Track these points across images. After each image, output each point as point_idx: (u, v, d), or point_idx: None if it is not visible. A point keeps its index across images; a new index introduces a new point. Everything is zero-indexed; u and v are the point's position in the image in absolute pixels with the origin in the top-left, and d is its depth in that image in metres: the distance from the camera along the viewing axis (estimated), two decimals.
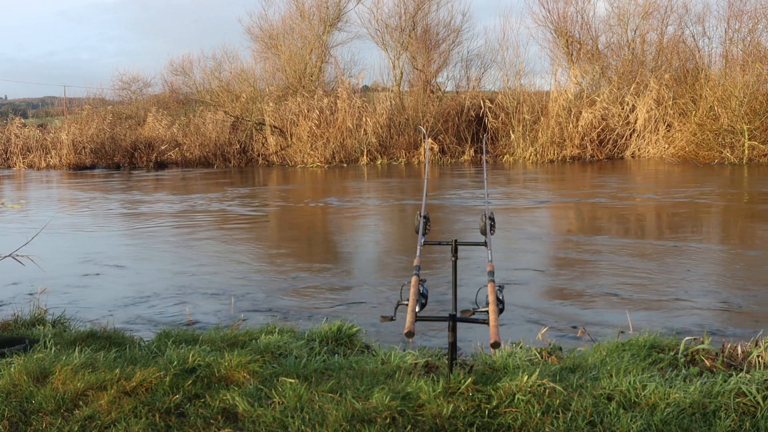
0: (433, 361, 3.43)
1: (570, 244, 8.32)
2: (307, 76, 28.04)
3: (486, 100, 24.24)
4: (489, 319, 2.63)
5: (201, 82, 31.84)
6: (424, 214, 3.34)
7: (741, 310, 5.19)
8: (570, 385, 2.93)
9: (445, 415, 2.65)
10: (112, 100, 34.07)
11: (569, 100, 22.74)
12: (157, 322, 5.13)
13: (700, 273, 6.55)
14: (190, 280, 6.59)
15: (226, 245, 8.60)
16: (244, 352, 3.39)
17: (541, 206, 11.87)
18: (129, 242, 9.08)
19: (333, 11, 29.60)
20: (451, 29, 28.49)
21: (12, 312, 4.70)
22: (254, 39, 30.59)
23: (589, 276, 6.55)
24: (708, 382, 2.93)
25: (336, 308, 5.50)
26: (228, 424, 2.69)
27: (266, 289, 6.21)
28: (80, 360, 3.31)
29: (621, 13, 25.01)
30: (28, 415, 2.80)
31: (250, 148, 25.09)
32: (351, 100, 24.32)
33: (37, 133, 28.84)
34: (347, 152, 23.94)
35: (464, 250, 3.62)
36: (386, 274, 6.92)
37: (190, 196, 14.85)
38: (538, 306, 5.47)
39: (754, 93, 19.08)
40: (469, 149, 23.84)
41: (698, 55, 23.63)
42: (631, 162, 21.11)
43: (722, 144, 19.42)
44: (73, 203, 14.18)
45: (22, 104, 50.38)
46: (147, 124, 28.44)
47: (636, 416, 2.63)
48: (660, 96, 21.91)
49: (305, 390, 2.91)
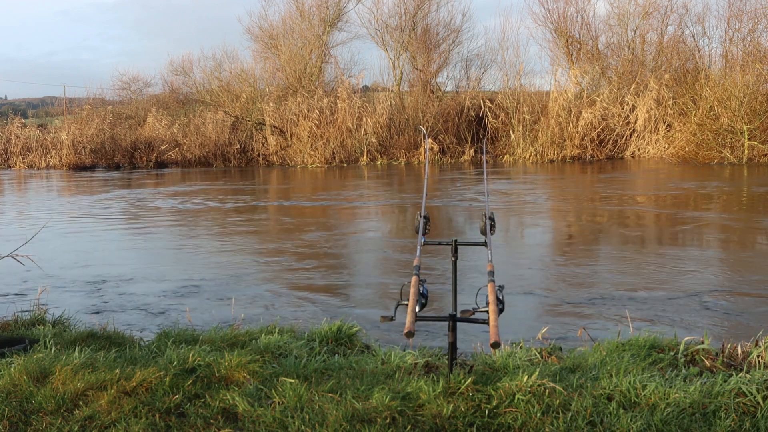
0: (433, 361, 3.43)
1: (570, 244, 8.32)
2: (307, 76, 28.04)
3: (486, 100, 24.24)
4: (489, 319, 2.63)
5: (201, 82, 31.92)
6: (424, 214, 3.34)
7: (741, 310, 5.18)
8: (570, 385, 2.93)
9: (445, 415, 2.65)
10: (112, 100, 34.13)
11: (569, 100, 22.74)
12: (158, 321, 5.13)
13: (701, 273, 6.55)
14: (191, 279, 6.58)
15: (226, 244, 8.60)
16: (244, 352, 3.39)
17: (540, 206, 11.87)
18: (129, 242, 9.08)
19: (333, 11, 29.63)
20: (451, 29, 28.54)
21: (12, 312, 4.70)
22: (254, 39, 30.67)
23: (589, 276, 6.55)
24: (708, 382, 2.93)
25: (336, 308, 5.50)
26: (228, 424, 2.69)
27: (266, 289, 6.21)
28: (80, 360, 3.31)
29: (621, 13, 25.03)
30: (28, 415, 2.80)
31: (250, 148, 25.10)
32: (351, 100, 24.32)
33: (37, 133, 28.87)
34: (347, 152, 23.94)
35: (464, 250, 3.62)
36: (386, 273, 6.92)
37: (190, 195, 14.85)
38: (538, 306, 5.47)
39: (754, 93, 19.07)
40: (469, 149, 23.85)
41: (698, 55, 23.63)
42: (631, 162, 21.11)
43: (722, 144, 19.42)
44: (73, 203, 14.17)
45: (22, 104, 50.41)
46: (147, 124, 28.46)
47: (636, 416, 2.63)
48: (660, 96, 21.91)
49: (305, 390, 2.91)
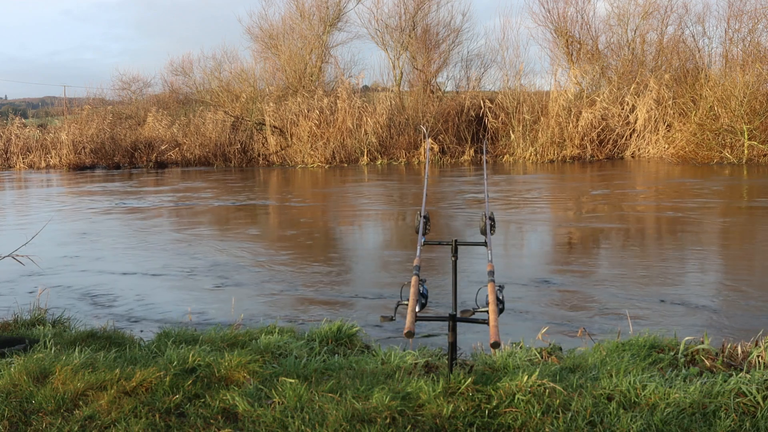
0: (433, 361, 3.43)
1: (570, 244, 8.32)
2: (307, 76, 28.04)
3: (486, 100, 24.22)
4: (489, 319, 2.63)
5: (201, 82, 31.92)
6: (424, 214, 3.34)
7: (741, 310, 5.18)
8: (570, 385, 2.93)
9: (445, 415, 2.65)
10: (112, 100, 34.13)
11: (569, 100, 22.73)
12: (157, 321, 5.13)
13: (701, 273, 6.55)
14: (191, 279, 6.58)
15: (226, 244, 8.60)
16: (244, 352, 3.39)
17: (540, 206, 11.87)
18: (129, 242, 9.08)
19: (333, 11, 29.63)
20: (451, 29, 28.54)
21: (12, 312, 4.70)
22: (254, 39, 30.68)
23: (589, 276, 6.55)
24: (708, 382, 2.93)
25: (336, 308, 5.50)
26: (228, 424, 2.69)
27: (266, 289, 6.21)
28: (80, 360, 3.31)
29: (621, 13, 25.03)
30: (28, 415, 2.80)
31: (250, 148, 25.10)
32: (351, 100, 24.32)
33: (37, 133, 28.88)
34: (347, 152, 23.94)
35: (464, 250, 3.62)
36: (386, 273, 6.92)
37: (189, 196, 14.84)
38: (538, 306, 5.47)
39: (754, 93, 19.07)
40: (469, 149, 23.84)
41: (698, 55, 23.63)
42: (631, 162, 21.11)
43: (722, 144, 19.42)
44: (74, 203, 14.17)
45: (22, 104, 50.41)
46: (147, 124, 28.45)
47: (636, 416, 2.63)
48: (660, 96, 21.91)
49: (305, 390, 2.91)
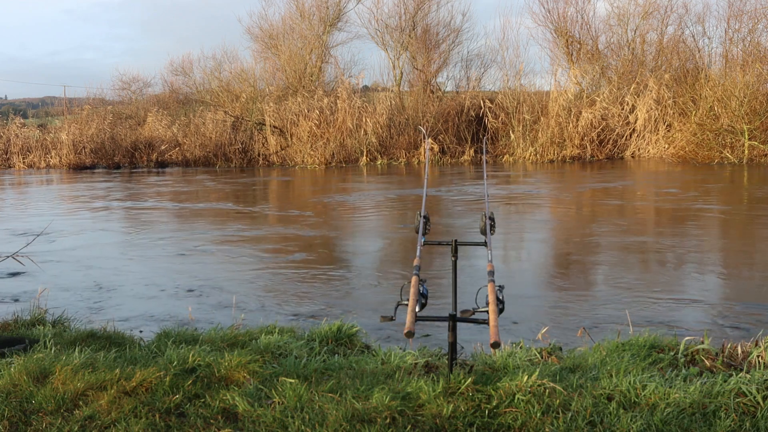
0: (433, 361, 3.42)
1: (570, 244, 8.32)
2: (307, 76, 28.04)
3: (486, 100, 24.21)
4: (489, 319, 2.63)
5: (201, 82, 31.89)
6: (424, 214, 3.34)
7: (741, 310, 5.18)
8: (570, 385, 2.93)
9: (445, 415, 2.65)
10: (112, 100, 34.09)
11: (569, 100, 22.72)
12: (157, 321, 5.13)
13: (700, 272, 6.55)
14: (191, 279, 6.58)
15: (226, 244, 8.60)
16: (244, 352, 3.39)
17: (540, 206, 11.86)
18: (129, 242, 9.08)
19: (333, 11, 29.61)
20: (451, 29, 28.51)
21: (12, 312, 4.70)
22: (254, 39, 30.65)
23: (589, 276, 6.55)
24: (708, 382, 2.93)
25: (336, 308, 5.50)
26: (228, 424, 2.69)
27: (265, 289, 6.21)
28: (80, 360, 3.30)
29: (621, 13, 25.01)
30: (28, 415, 2.80)
31: (250, 148, 25.09)
32: (351, 100, 24.31)
33: (37, 133, 28.85)
34: (347, 152, 23.93)
35: (464, 250, 3.62)
36: (386, 273, 6.92)
37: (190, 195, 14.84)
38: (538, 306, 5.47)
39: (754, 93, 19.07)
40: (469, 149, 23.83)
41: (698, 55, 23.61)
42: (631, 162, 21.10)
43: (722, 144, 19.42)
44: (74, 203, 14.17)
45: (22, 104, 50.35)
46: (147, 124, 28.43)
47: (636, 416, 2.63)
48: (660, 96, 21.90)
49: (305, 390, 2.91)
